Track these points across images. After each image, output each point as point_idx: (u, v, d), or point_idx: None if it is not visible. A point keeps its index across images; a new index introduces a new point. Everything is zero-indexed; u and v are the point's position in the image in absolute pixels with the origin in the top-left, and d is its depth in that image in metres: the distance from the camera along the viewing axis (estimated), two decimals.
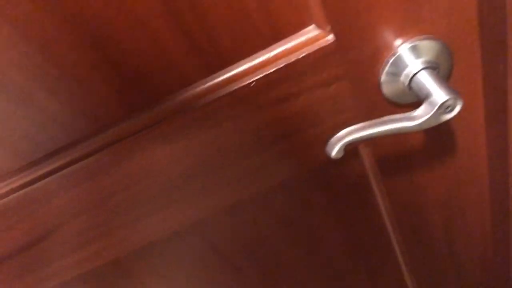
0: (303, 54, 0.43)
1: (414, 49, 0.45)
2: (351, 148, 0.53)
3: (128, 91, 0.43)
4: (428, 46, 0.46)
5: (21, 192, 0.47)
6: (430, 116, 0.42)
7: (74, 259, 0.55)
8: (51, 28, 0.38)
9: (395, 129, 0.43)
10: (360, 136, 0.43)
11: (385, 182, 0.60)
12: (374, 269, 0.77)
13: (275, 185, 0.56)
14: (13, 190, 0.46)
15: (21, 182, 0.46)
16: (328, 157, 0.53)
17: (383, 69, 0.46)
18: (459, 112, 0.43)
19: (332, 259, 0.71)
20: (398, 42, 0.45)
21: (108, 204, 0.51)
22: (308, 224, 0.64)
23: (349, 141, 0.42)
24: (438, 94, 0.42)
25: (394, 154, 0.56)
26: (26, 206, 0.47)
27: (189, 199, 0.53)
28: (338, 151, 0.43)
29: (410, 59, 0.46)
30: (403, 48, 0.45)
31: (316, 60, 0.44)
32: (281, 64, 0.43)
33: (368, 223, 0.67)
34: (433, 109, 0.42)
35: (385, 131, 0.43)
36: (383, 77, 0.47)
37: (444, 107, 0.42)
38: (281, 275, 0.72)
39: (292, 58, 0.43)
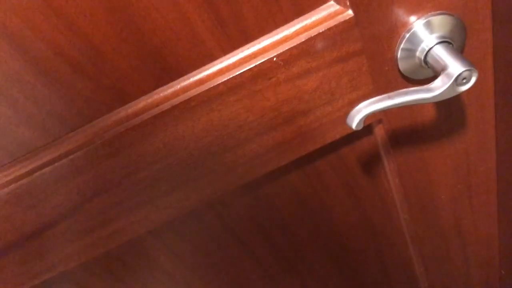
0: (323, 29, 0.45)
1: (429, 24, 0.47)
2: (365, 125, 0.55)
3: (153, 66, 0.44)
4: (443, 21, 0.47)
5: (47, 169, 0.47)
6: (447, 88, 0.44)
7: (93, 239, 0.56)
8: (81, 2, 0.39)
9: (412, 100, 0.45)
10: (380, 108, 0.44)
11: (395, 159, 0.61)
12: (382, 248, 0.78)
13: (290, 164, 0.58)
14: (39, 168, 0.47)
15: (47, 159, 0.47)
16: (343, 134, 0.54)
17: (399, 45, 0.48)
18: (472, 86, 0.45)
19: (343, 237, 0.73)
20: (413, 18, 0.47)
21: (129, 182, 0.52)
22: (321, 203, 0.66)
23: (369, 112, 0.44)
24: (454, 66, 0.44)
25: (405, 131, 0.58)
26: (52, 184, 0.48)
27: (208, 177, 0.54)
28: (359, 123, 0.44)
29: (425, 34, 0.47)
30: (418, 24, 0.47)
31: (335, 35, 0.45)
32: (302, 39, 0.45)
33: (378, 202, 0.69)
34: (450, 80, 0.43)
35: (403, 102, 0.44)
36: (399, 53, 0.48)
37: (461, 78, 0.43)
38: (293, 255, 0.74)
39: (312, 33, 0.45)
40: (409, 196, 0.68)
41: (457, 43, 0.49)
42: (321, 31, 0.45)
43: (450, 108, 0.57)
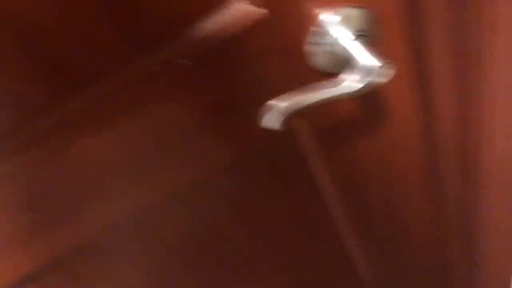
0: (234, 29, 0.43)
1: (341, 18, 0.47)
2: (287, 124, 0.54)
3: (56, 78, 0.41)
4: (354, 15, 0.47)
5: None
6: (362, 82, 0.44)
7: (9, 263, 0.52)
8: None
9: (327, 98, 0.44)
10: (297, 106, 0.43)
11: (323, 154, 0.61)
12: (317, 245, 0.78)
13: (217, 168, 0.56)
14: None
15: None
16: (266, 136, 0.53)
17: (310, 40, 0.47)
18: (389, 78, 0.45)
19: (279, 240, 0.72)
20: (323, 12, 0.46)
21: (49, 198, 0.48)
22: (253, 205, 0.64)
23: (285, 110, 0.43)
24: (369, 60, 0.44)
25: (329, 126, 0.57)
26: None
27: (135, 185, 0.51)
28: (276, 123, 0.43)
29: (337, 28, 0.47)
30: (329, 18, 0.46)
31: (246, 34, 0.44)
32: (209, 40, 0.43)
33: (309, 198, 0.68)
34: (365, 74, 0.43)
35: (318, 98, 0.44)
36: (310, 48, 0.47)
37: (375, 72, 0.43)
38: (232, 261, 0.72)
39: (221, 34, 0.43)
40: (341, 189, 0.68)
41: (370, 35, 0.49)
42: (232, 30, 0.43)
43: (369, 98, 0.57)
